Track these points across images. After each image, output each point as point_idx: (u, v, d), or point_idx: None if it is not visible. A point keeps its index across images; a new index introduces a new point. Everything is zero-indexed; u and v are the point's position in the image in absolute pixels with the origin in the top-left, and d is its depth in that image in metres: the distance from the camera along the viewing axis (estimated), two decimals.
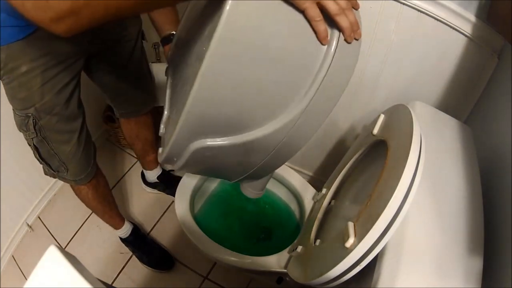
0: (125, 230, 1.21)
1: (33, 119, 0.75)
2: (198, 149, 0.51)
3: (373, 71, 0.92)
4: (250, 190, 0.76)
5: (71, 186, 0.99)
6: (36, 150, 0.82)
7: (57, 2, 0.37)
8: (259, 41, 0.44)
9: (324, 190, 0.90)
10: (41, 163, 0.86)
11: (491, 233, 0.58)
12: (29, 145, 0.82)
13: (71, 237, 1.32)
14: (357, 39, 0.48)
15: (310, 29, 0.46)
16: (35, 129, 0.77)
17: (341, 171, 0.85)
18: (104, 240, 1.30)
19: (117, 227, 1.19)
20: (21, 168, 1.20)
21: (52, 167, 0.87)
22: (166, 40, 0.77)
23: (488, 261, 0.53)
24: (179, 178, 1.05)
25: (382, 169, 0.57)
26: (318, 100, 0.49)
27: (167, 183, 1.37)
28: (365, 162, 0.81)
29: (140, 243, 1.24)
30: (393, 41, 0.83)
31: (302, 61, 0.48)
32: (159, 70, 1.20)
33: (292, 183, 1.04)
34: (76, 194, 1.02)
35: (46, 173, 0.90)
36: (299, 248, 0.80)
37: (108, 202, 1.11)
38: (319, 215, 0.85)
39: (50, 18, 0.38)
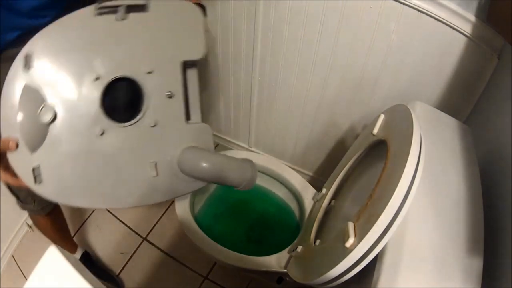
0: (77, 256, 1.21)
1: None
2: None
3: (373, 71, 0.92)
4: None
5: (31, 216, 0.99)
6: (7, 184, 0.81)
7: None
8: None
9: (324, 190, 0.90)
10: (12, 195, 0.86)
11: (491, 233, 0.58)
12: None
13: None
14: None
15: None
16: None
17: (341, 171, 0.85)
18: (104, 240, 1.30)
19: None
20: None
21: (20, 198, 0.87)
22: None
23: (488, 261, 0.53)
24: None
25: (382, 169, 0.57)
26: None
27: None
28: (365, 162, 0.81)
29: (89, 268, 1.23)
30: (393, 41, 0.83)
31: None
32: None
33: (292, 183, 1.04)
34: (35, 224, 1.03)
35: (19, 205, 0.90)
36: (299, 248, 0.80)
37: (64, 231, 1.12)
38: (319, 215, 0.85)
39: None
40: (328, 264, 0.56)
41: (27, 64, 0.54)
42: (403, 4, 0.76)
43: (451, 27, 0.75)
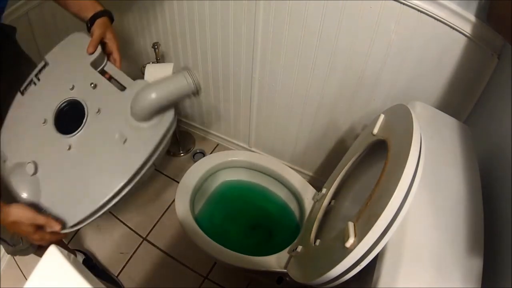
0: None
1: None
2: None
3: (373, 71, 0.92)
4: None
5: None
6: None
7: None
8: None
9: (324, 190, 0.90)
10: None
11: (491, 233, 0.58)
12: None
13: (71, 237, 1.32)
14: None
15: None
16: None
17: (341, 171, 0.85)
18: (104, 240, 1.30)
19: None
20: None
21: (7, 241, 0.85)
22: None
23: (488, 261, 0.53)
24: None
25: (382, 169, 0.57)
26: None
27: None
28: (365, 162, 0.81)
29: (89, 269, 1.20)
30: (393, 41, 0.84)
31: None
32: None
33: (292, 183, 1.04)
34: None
35: (7, 252, 0.89)
36: (299, 248, 0.80)
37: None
38: (319, 215, 0.85)
39: None
40: (328, 264, 0.56)
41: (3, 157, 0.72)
42: (403, 4, 0.76)
43: (451, 27, 0.75)
